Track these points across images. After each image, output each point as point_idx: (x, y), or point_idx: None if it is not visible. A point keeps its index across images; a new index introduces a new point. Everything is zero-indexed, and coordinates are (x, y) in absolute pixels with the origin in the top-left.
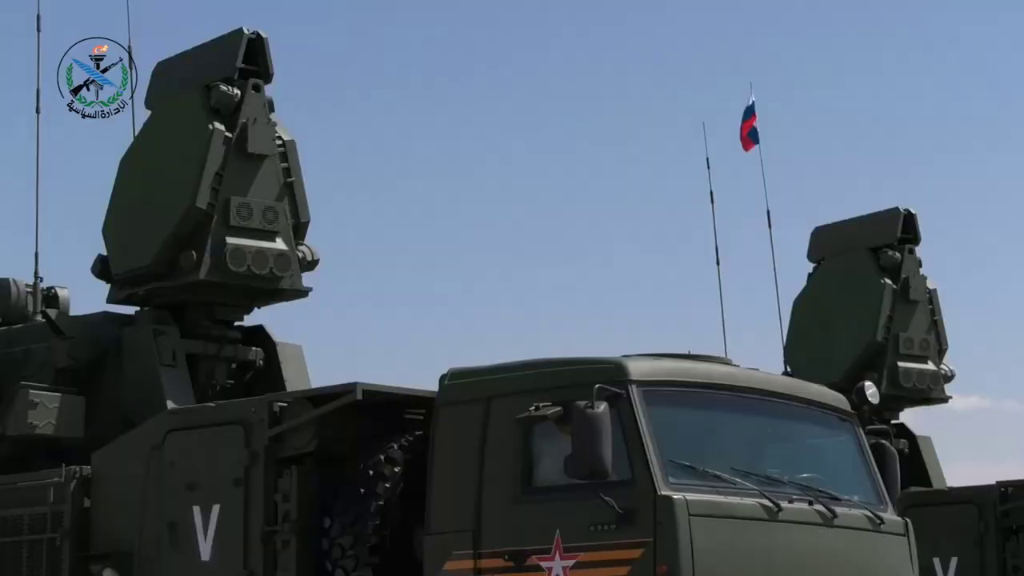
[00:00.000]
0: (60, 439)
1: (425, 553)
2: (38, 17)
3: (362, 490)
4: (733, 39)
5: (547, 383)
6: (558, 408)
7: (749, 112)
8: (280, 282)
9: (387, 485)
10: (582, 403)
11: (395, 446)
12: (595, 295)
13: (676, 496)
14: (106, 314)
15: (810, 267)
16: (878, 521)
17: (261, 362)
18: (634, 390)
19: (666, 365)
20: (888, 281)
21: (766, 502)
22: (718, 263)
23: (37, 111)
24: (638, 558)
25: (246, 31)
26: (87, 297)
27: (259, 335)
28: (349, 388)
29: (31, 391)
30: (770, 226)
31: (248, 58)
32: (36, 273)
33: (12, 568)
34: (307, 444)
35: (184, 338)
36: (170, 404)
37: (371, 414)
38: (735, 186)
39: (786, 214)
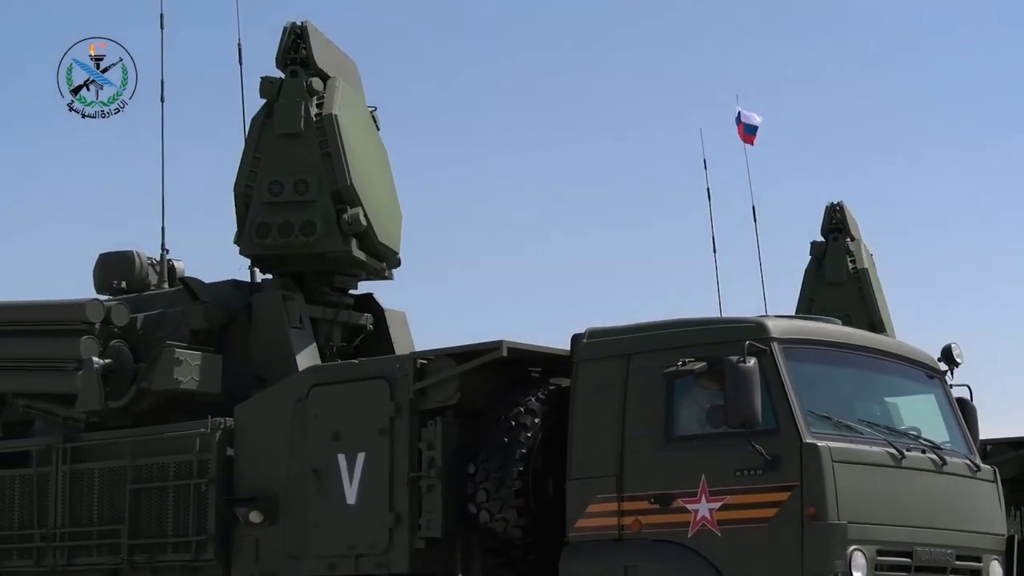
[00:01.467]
0: (197, 394)
1: (568, 496)
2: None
3: (506, 439)
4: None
5: (689, 340)
6: (703, 363)
7: (738, 120)
8: (312, 247)
9: (528, 435)
10: (734, 358)
11: (532, 399)
12: (604, 280)
13: (820, 444)
14: (234, 282)
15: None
16: (975, 468)
17: (371, 327)
18: (776, 347)
19: (800, 324)
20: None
21: (892, 450)
22: (715, 250)
23: (162, 99)
24: (785, 500)
25: (296, 23)
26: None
27: (369, 302)
28: (495, 346)
29: (176, 349)
30: (755, 220)
31: (294, 47)
32: (163, 245)
33: (158, 509)
34: (451, 397)
35: (308, 303)
36: (300, 362)
37: (496, 370)
38: (731, 185)
39: (773, 209)
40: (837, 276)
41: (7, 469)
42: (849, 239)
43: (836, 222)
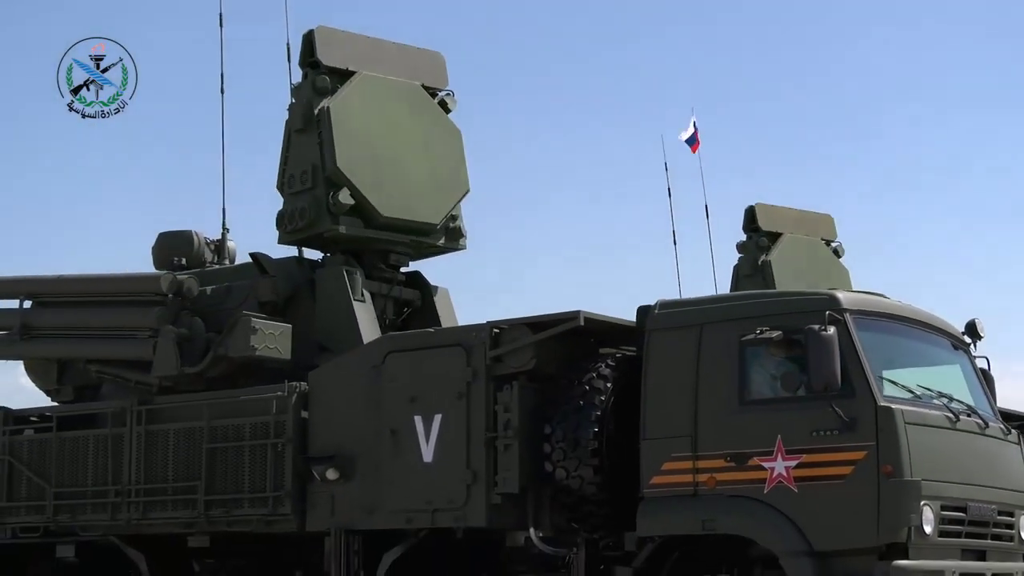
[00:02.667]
0: (268, 360)
1: (643, 455)
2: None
3: (581, 402)
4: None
5: (762, 311)
6: (779, 332)
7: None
8: (309, 231)
9: (601, 398)
10: (816, 326)
11: (603, 366)
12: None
13: (894, 407)
14: (297, 258)
15: None
16: (1007, 432)
17: (418, 302)
18: (848, 317)
19: (863, 297)
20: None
21: (948, 413)
22: (675, 243)
23: (221, 91)
24: (862, 459)
25: (310, 30)
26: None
27: (417, 279)
28: (572, 315)
29: (253, 319)
30: (708, 217)
31: (309, 51)
32: (224, 224)
33: (234, 467)
34: (526, 363)
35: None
36: (363, 332)
37: (564, 338)
38: (685, 186)
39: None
40: (748, 269)
41: (78, 430)
42: (761, 236)
43: (751, 222)
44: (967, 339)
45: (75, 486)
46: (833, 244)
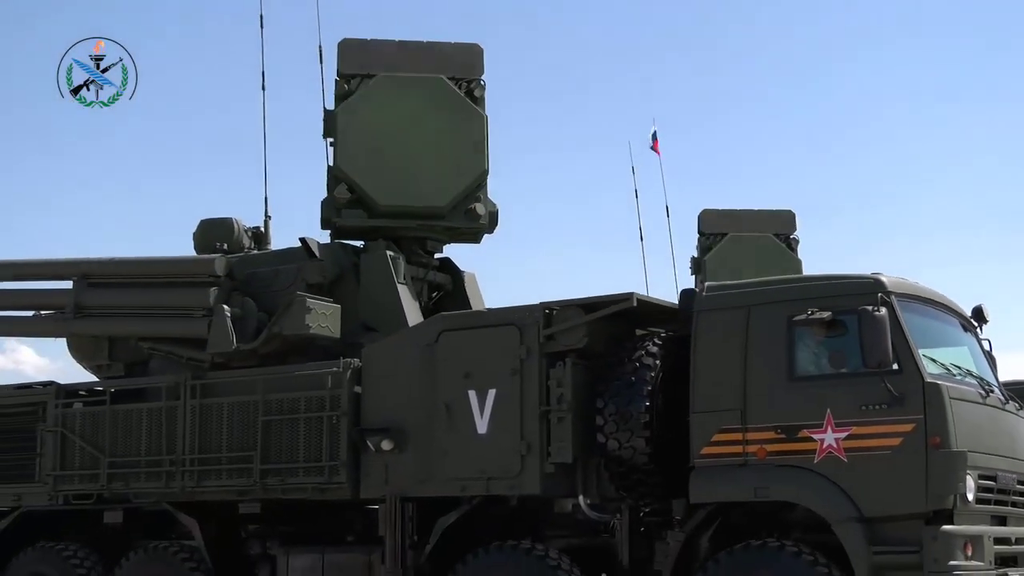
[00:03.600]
0: (318, 338)
1: (692, 427)
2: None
3: (633, 378)
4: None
5: (809, 294)
6: (828, 312)
7: (654, 137)
8: (328, 222)
9: (652, 374)
10: (869, 307)
11: (651, 344)
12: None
13: (940, 383)
14: (340, 243)
15: None
16: (1019, 406)
17: (450, 285)
18: (894, 299)
19: (901, 281)
20: None
21: (981, 389)
22: (642, 239)
23: (263, 88)
24: (910, 431)
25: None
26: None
27: (448, 264)
28: (626, 297)
29: (308, 299)
30: (668, 216)
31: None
32: (266, 212)
33: (288, 438)
34: (578, 341)
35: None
36: (406, 313)
37: (611, 319)
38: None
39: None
40: (694, 268)
41: (130, 403)
42: (707, 237)
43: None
44: (974, 322)
45: (128, 456)
46: (788, 237)
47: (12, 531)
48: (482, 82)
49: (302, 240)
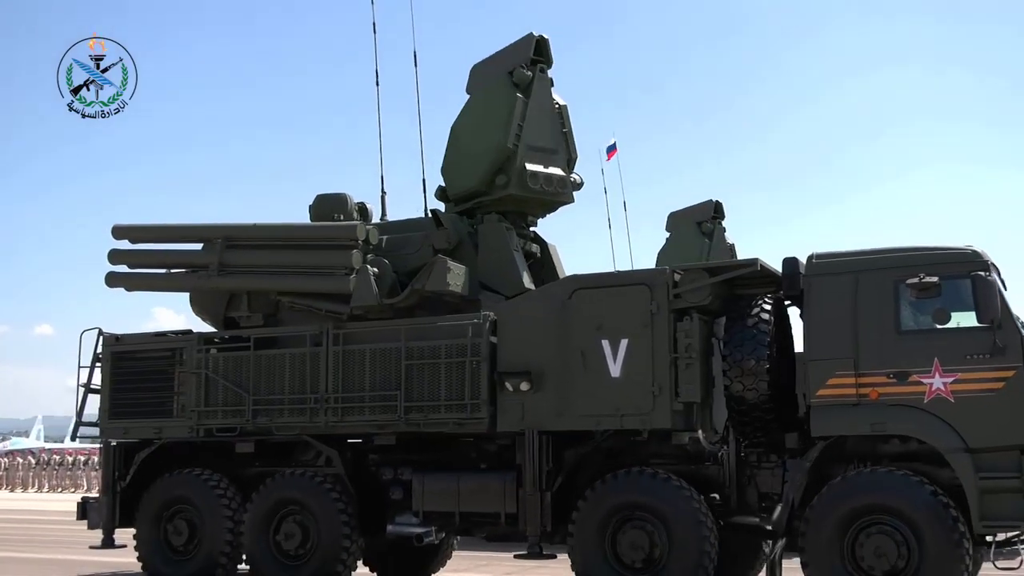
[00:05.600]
0: (451, 295)
1: (810, 373)
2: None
3: (754, 331)
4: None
5: (912, 262)
6: (935, 278)
7: (611, 147)
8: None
9: (769, 327)
10: (982, 273)
11: (764, 303)
12: None
13: None
14: (457, 214)
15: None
16: None
17: (539, 254)
18: (991, 267)
19: (981, 249)
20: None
21: None
22: (610, 227)
23: (376, 84)
24: (1011, 376)
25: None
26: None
27: (538, 236)
28: (751, 262)
29: (448, 260)
30: (625, 210)
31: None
32: (382, 188)
33: (430, 380)
34: (703, 300)
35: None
36: (524, 275)
37: (726, 283)
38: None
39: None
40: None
41: (273, 349)
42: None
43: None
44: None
45: (271, 394)
46: (707, 222)
47: (149, 460)
48: (524, 66)
49: (433, 211)
